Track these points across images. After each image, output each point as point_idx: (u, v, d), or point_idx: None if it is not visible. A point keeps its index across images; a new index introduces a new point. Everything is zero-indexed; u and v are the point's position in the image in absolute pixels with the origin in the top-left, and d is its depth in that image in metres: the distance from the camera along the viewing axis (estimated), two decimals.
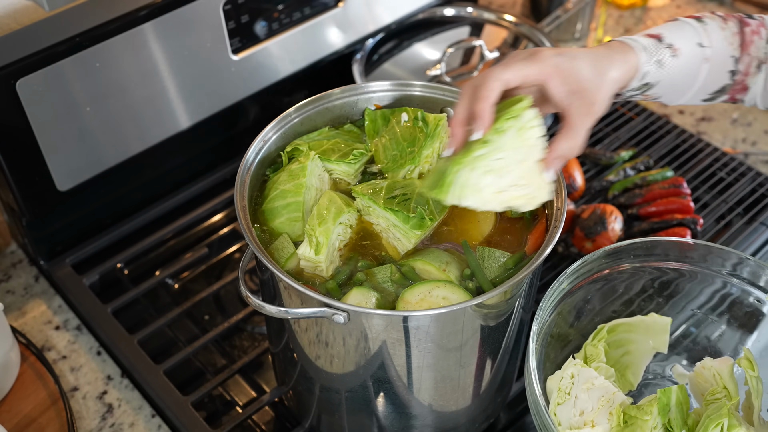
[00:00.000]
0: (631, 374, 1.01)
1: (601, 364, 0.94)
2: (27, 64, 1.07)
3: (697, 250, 0.99)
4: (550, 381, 0.92)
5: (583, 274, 0.98)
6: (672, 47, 0.91)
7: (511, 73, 0.85)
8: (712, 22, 0.94)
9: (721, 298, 1.01)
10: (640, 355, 1.01)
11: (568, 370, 0.91)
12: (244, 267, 0.93)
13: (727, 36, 0.93)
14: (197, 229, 1.39)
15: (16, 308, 1.25)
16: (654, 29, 0.93)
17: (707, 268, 1.00)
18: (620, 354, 1.00)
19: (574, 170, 1.34)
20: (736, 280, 0.99)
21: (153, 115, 1.25)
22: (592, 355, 0.96)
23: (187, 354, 1.16)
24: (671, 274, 1.01)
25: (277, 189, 0.96)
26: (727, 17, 0.95)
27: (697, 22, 0.94)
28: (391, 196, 0.93)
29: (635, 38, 0.91)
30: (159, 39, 1.19)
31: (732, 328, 1.02)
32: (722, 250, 0.98)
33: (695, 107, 1.62)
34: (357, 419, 1.00)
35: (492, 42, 1.59)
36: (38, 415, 1.09)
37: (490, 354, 0.95)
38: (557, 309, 0.96)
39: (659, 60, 0.91)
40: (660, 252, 1.00)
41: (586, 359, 0.96)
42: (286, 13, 1.32)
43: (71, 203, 1.25)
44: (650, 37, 0.92)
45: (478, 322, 0.89)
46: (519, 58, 0.87)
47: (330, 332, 0.89)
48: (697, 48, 0.92)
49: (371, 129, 1.04)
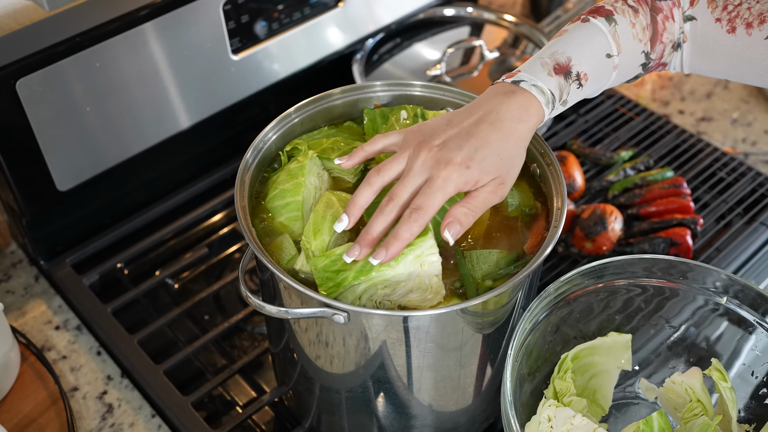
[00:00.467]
0: (601, 398, 1.00)
1: (573, 398, 0.93)
2: (27, 64, 1.07)
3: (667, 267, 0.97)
4: (528, 428, 0.90)
5: (552, 300, 0.95)
6: (579, 76, 0.89)
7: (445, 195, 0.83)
8: (623, 19, 0.91)
9: (701, 316, 1.00)
10: (607, 377, 1.00)
11: (544, 413, 0.89)
12: (244, 267, 0.93)
13: (638, 32, 0.92)
14: (197, 229, 1.39)
15: (16, 308, 1.25)
16: (563, 47, 0.89)
17: (688, 285, 0.98)
18: (587, 379, 0.98)
19: (574, 170, 1.34)
20: (717, 298, 0.98)
21: (153, 115, 1.25)
22: (562, 390, 0.94)
23: (187, 354, 1.16)
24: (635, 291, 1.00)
25: (276, 189, 0.96)
26: (638, 5, 0.92)
27: (606, 25, 0.90)
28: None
29: (540, 84, 0.87)
30: (159, 39, 1.19)
31: (728, 331, 1.02)
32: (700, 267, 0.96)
33: (695, 107, 1.63)
34: (357, 419, 1.00)
35: (492, 42, 1.59)
36: (38, 415, 1.09)
37: (490, 354, 0.95)
38: (523, 345, 0.93)
39: (565, 101, 0.89)
40: (623, 271, 0.98)
41: (556, 395, 0.94)
42: (286, 13, 1.32)
43: (71, 203, 1.25)
44: (557, 71, 0.88)
45: (477, 323, 0.89)
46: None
47: (330, 332, 0.89)
48: (605, 60, 0.90)
49: (370, 128, 1.04)
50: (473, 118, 0.86)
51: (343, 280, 0.85)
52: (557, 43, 0.91)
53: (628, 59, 0.93)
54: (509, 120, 0.86)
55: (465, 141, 0.84)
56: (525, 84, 0.87)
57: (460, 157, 0.83)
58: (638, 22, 0.92)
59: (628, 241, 1.28)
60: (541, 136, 1.16)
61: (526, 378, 0.95)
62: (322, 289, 0.85)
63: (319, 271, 0.85)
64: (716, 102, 1.64)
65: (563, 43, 0.90)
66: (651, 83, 1.68)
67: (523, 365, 0.93)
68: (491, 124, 0.85)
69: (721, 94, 1.66)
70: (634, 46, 0.92)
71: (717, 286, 0.96)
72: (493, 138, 0.85)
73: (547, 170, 0.96)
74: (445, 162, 0.83)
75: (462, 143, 0.84)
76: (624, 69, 0.93)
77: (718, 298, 0.97)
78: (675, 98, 1.65)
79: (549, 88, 0.87)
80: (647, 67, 0.96)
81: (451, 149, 0.84)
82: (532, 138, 0.99)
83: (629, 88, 1.66)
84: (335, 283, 0.85)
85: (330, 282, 0.85)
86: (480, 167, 0.84)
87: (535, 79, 0.88)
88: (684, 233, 1.26)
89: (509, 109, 0.86)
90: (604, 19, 0.91)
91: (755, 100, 1.65)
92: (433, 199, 0.82)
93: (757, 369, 0.97)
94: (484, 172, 0.84)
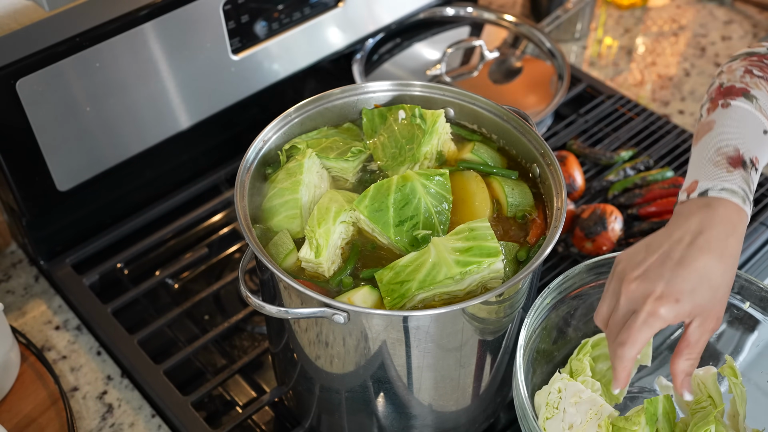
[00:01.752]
0: None
1: (587, 378, 0.94)
2: (27, 64, 1.07)
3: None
4: (538, 396, 0.93)
5: (566, 289, 0.97)
6: (753, 162, 0.84)
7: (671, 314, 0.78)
8: (760, 93, 0.88)
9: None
10: None
11: (555, 385, 0.91)
12: (244, 267, 0.93)
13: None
14: (197, 229, 1.39)
15: (16, 308, 1.25)
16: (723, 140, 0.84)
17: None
18: (606, 368, 0.99)
19: (574, 170, 1.34)
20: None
21: (153, 115, 1.25)
22: (578, 370, 0.96)
23: (187, 354, 1.16)
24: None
25: (275, 187, 0.96)
26: (764, 73, 0.89)
27: (749, 104, 0.86)
28: (401, 220, 0.92)
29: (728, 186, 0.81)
30: (159, 39, 1.19)
31: (730, 331, 1.02)
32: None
33: (695, 107, 1.62)
34: (357, 419, 1.00)
35: (492, 42, 1.59)
36: (38, 415, 1.09)
37: (490, 354, 0.95)
38: (542, 324, 0.96)
39: (753, 190, 0.84)
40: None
41: (571, 374, 0.96)
42: (286, 13, 1.32)
43: (71, 203, 1.25)
44: (734, 164, 0.82)
45: (477, 323, 0.89)
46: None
47: (330, 332, 0.89)
48: (764, 137, 0.86)
49: (369, 127, 1.04)
50: (673, 239, 0.80)
51: (406, 291, 0.86)
52: (714, 138, 0.85)
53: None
54: (716, 238, 0.79)
55: (670, 270, 0.78)
56: (713, 192, 0.81)
57: (663, 289, 0.77)
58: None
59: (628, 241, 1.28)
60: (541, 136, 1.16)
61: (541, 361, 0.97)
62: (387, 301, 0.86)
63: (384, 285, 0.87)
64: None
65: (722, 136, 0.85)
66: (651, 83, 1.68)
67: (536, 342, 0.94)
68: (695, 247, 0.78)
69: None
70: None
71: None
72: (703, 262, 0.78)
73: (547, 170, 0.96)
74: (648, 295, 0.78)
75: (663, 272, 0.78)
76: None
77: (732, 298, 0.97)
78: (675, 98, 1.65)
79: (739, 186, 0.82)
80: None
81: (653, 281, 0.78)
82: (532, 138, 0.99)
83: (629, 88, 1.66)
84: (399, 294, 0.86)
85: (394, 293, 0.86)
86: (692, 300, 0.77)
87: (719, 183, 0.82)
88: None
89: (714, 228, 0.79)
90: (743, 98, 0.87)
91: None
92: (638, 333, 0.78)
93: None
94: (696, 306, 0.78)
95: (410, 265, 0.87)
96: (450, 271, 0.85)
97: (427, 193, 0.93)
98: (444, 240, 0.89)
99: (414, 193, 0.93)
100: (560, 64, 1.51)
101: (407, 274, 0.87)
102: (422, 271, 0.86)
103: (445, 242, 0.88)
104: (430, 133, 1.00)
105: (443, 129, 1.02)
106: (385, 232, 0.92)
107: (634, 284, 0.79)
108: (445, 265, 0.86)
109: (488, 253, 0.86)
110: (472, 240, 0.87)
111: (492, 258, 0.86)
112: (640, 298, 0.79)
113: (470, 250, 0.86)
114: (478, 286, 0.87)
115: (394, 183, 0.94)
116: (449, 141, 1.03)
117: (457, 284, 0.86)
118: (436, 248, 0.88)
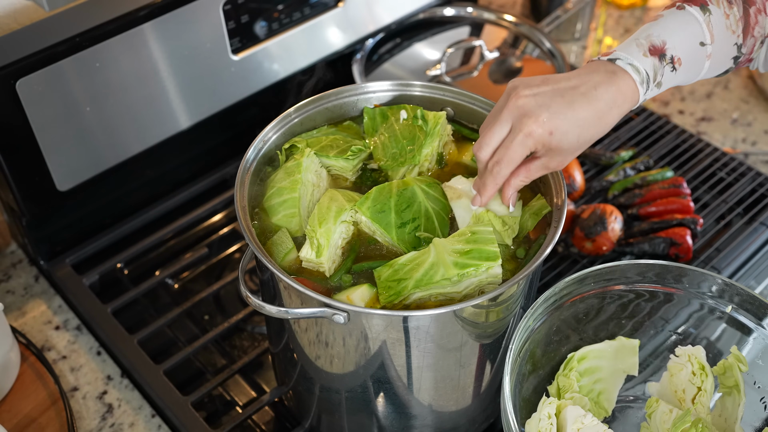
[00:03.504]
0: (605, 400, 1.00)
1: (575, 394, 0.94)
2: (27, 64, 1.07)
3: (670, 271, 0.98)
4: (528, 425, 0.90)
5: (550, 305, 0.96)
6: (673, 60, 0.89)
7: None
8: (717, 10, 0.91)
9: (698, 319, 1.00)
10: (613, 380, 1.01)
11: (545, 411, 0.90)
12: (244, 267, 0.93)
13: (731, 24, 0.91)
14: (197, 229, 1.39)
15: (16, 308, 1.25)
16: (658, 30, 0.90)
17: (683, 290, 0.99)
18: (593, 381, 0.99)
19: (574, 170, 1.34)
20: (711, 301, 0.98)
21: (153, 115, 1.25)
22: (565, 386, 0.95)
23: (187, 354, 1.16)
24: (644, 296, 1.00)
25: (274, 187, 0.96)
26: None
27: (701, 14, 0.90)
28: (403, 222, 0.93)
29: (636, 63, 0.88)
30: (159, 39, 1.19)
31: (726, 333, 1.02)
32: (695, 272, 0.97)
33: (695, 107, 1.62)
34: (357, 419, 1.00)
35: (492, 42, 1.59)
36: (38, 415, 1.09)
37: (490, 354, 0.95)
38: (528, 342, 0.94)
39: (659, 82, 0.89)
40: (619, 276, 0.98)
41: (558, 391, 0.95)
42: (286, 13, 1.32)
43: (71, 203, 1.25)
44: (652, 53, 0.88)
45: (476, 324, 0.89)
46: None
47: (330, 332, 0.89)
48: (699, 48, 0.91)
49: (370, 126, 1.04)
50: (571, 83, 0.86)
51: (402, 289, 0.86)
52: (651, 27, 0.90)
53: (721, 50, 0.92)
54: (605, 101, 0.86)
55: (558, 105, 0.84)
56: (621, 62, 0.87)
57: (546, 116, 0.83)
58: (732, 13, 0.91)
59: (628, 241, 1.28)
60: None
61: (529, 375, 0.95)
62: (382, 297, 0.87)
63: (382, 282, 0.87)
64: (716, 102, 1.64)
65: (658, 27, 0.90)
66: None
67: (524, 364, 0.93)
68: (586, 97, 0.85)
69: (721, 94, 1.66)
70: (727, 38, 0.92)
71: (713, 291, 0.97)
72: (585, 115, 0.85)
73: None
74: (530, 116, 0.84)
75: (551, 103, 0.84)
76: (716, 60, 0.93)
77: (716, 303, 0.97)
78: (675, 98, 1.65)
79: (644, 68, 0.87)
80: (738, 61, 0.95)
81: (540, 105, 0.84)
82: None
83: None
84: (395, 292, 0.86)
85: (390, 290, 0.87)
86: (559, 140, 0.84)
87: (630, 58, 0.88)
88: (684, 233, 1.26)
89: (608, 90, 0.86)
90: (698, 8, 0.91)
91: (755, 100, 1.64)
92: (513, 152, 0.84)
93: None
94: (557, 147, 0.85)
95: (409, 263, 0.88)
96: (447, 272, 0.85)
97: (426, 198, 0.94)
98: (445, 241, 0.89)
99: (414, 196, 0.94)
100: (560, 64, 1.51)
101: (405, 273, 0.87)
102: (420, 271, 0.86)
103: (446, 244, 0.88)
104: (432, 135, 1.00)
105: (444, 131, 1.02)
106: (388, 233, 0.92)
107: (522, 100, 0.85)
108: (443, 265, 0.86)
109: (487, 256, 0.86)
110: (473, 243, 0.87)
111: (491, 262, 0.86)
112: (522, 115, 0.84)
113: (470, 252, 0.86)
114: (475, 290, 0.87)
115: (395, 186, 0.94)
116: (450, 143, 1.04)
117: (454, 286, 0.86)
118: (436, 249, 0.88)
